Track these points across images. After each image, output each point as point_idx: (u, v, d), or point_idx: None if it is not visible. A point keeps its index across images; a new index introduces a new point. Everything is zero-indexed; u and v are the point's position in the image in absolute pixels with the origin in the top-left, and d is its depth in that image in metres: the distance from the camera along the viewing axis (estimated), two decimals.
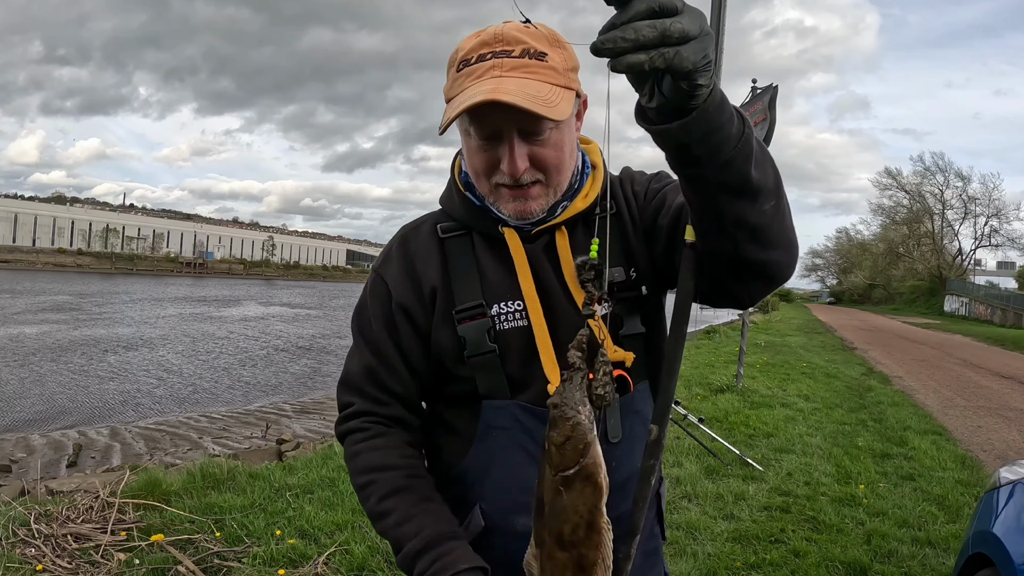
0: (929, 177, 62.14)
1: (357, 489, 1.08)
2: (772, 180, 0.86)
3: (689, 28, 0.67)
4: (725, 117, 0.77)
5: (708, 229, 0.89)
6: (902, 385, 11.01)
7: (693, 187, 0.85)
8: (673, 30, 0.66)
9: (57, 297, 34.96)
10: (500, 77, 0.95)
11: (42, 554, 3.14)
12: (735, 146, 0.79)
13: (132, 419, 10.13)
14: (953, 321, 42.18)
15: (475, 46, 0.98)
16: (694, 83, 0.70)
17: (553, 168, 1.02)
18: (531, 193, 1.03)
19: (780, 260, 0.93)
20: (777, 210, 0.88)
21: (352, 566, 3.28)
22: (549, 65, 0.97)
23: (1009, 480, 2.30)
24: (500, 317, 1.06)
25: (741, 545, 3.84)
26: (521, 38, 0.97)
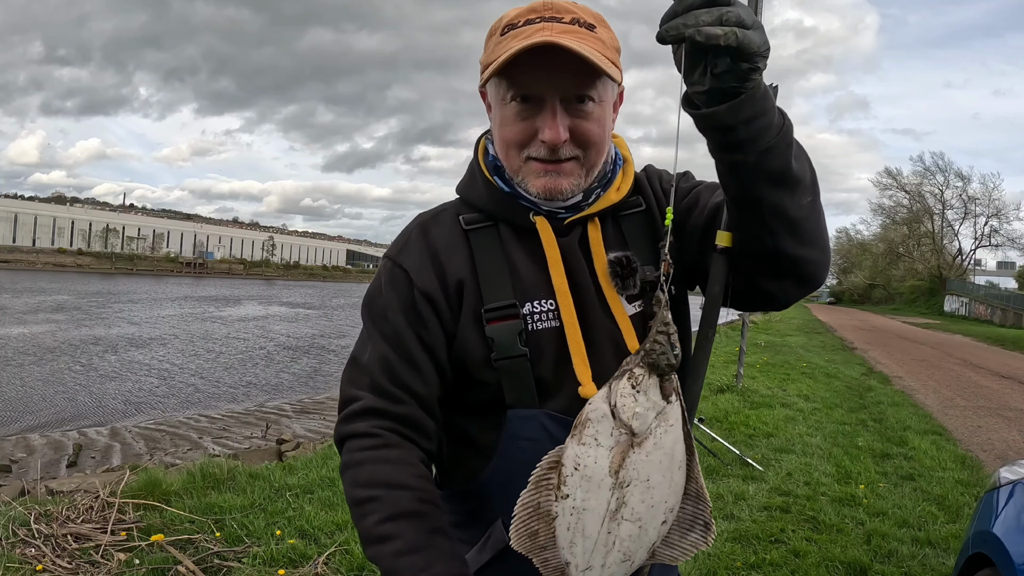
0: (929, 177, 62.17)
1: (353, 504, 0.92)
2: (810, 176, 0.88)
3: (744, 16, 0.72)
4: (768, 105, 0.80)
5: (747, 220, 0.89)
6: (902, 385, 11.01)
7: (734, 174, 0.85)
8: (730, 16, 0.71)
9: (57, 297, 34.96)
10: (552, 36, 0.90)
11: (42, 554, 3.14)
12: (777, 134, 0.81)
13: (132, 419, 10.14)
14: (953, 321, 42.17)
15: (522, 12, 0.95)
16: (755, 66, 0.75)
17: (593, 144, 0.97)
18: (564, 169, 0.97)
19: (815, 259, 0.93)
20: (813, 207, 0.89)
21: (352, 566, 3.28)
22: (598, 37, 0.95)
23: (1009, 480, 2.29)
24: (532, 317, 0.99)
25: (741, 545, 3.84)
26: (571, 8, 0.95)
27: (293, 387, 13.61)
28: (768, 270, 0.93)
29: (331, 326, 28.20)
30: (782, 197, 0.85)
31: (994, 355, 18.19)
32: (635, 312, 1.02)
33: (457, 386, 1.03)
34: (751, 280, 0.95)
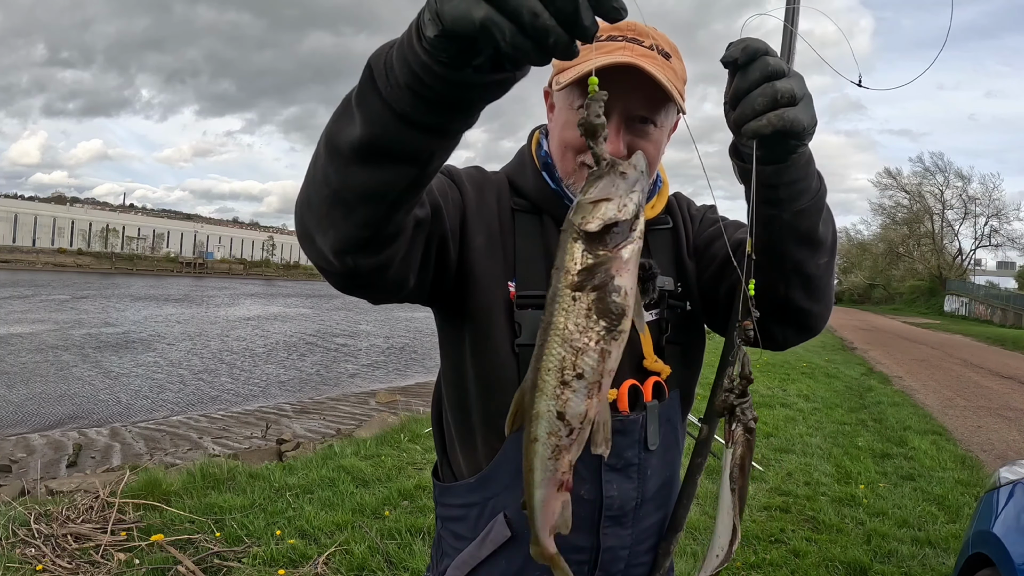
0: (929, 177, 62.15)
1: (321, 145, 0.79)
2: (831, 239, 0.96)
3: (797, 90, 0.76)
4: (811, 170, 0.87)
5: (767, 268, 0.94)
6: (902, 385, 11.01)
7: (766, 226, 0.91)
8: (784, 96, 0.76)
9: (57, 296, 34.96)
10: (632, 58, 0.93)
11: (42, 554, 3.14)
12: (812, 199, 0.89)
13: (132, 419, 10.13)
14: (953, 321, 42.16)
15: (605, 27, 0.91)
16: (802, 142, 0.82)
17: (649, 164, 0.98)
18: None
19: (820, 313, 1.02)
20: (828, 268, 0.98)
21: (352, 566, 3.28)
22: (672, 67, 0.98)
23: (1009, 480, 2.30)
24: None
25: (741, 545, 3.84)
26: (652, 34, 0.98)
27: (293, 387, 13.61)
28: (775, 315, 1.01)
29: (331, 326, 28.21)
30: (804, 255, 0.94)
31: (994, 355, 18.19)
32: (651, 320, 1.09)
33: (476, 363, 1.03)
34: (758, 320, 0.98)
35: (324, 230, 0.80)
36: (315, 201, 0.79)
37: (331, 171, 0.75)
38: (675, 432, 1.13)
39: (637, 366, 1.06)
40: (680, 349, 1.11)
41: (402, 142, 0.71)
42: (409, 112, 0.67)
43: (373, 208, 0.77)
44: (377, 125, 0.69)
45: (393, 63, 0.67)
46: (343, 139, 0.72)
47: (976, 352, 18.96)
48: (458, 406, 1.08)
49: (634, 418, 1.03)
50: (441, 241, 0.95)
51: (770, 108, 0.76)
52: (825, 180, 0.93)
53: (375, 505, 4.15)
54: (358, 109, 0.71)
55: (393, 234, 0.82)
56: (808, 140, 0.82)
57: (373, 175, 0.74)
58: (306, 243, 0.85)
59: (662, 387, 1.08)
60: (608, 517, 1.04)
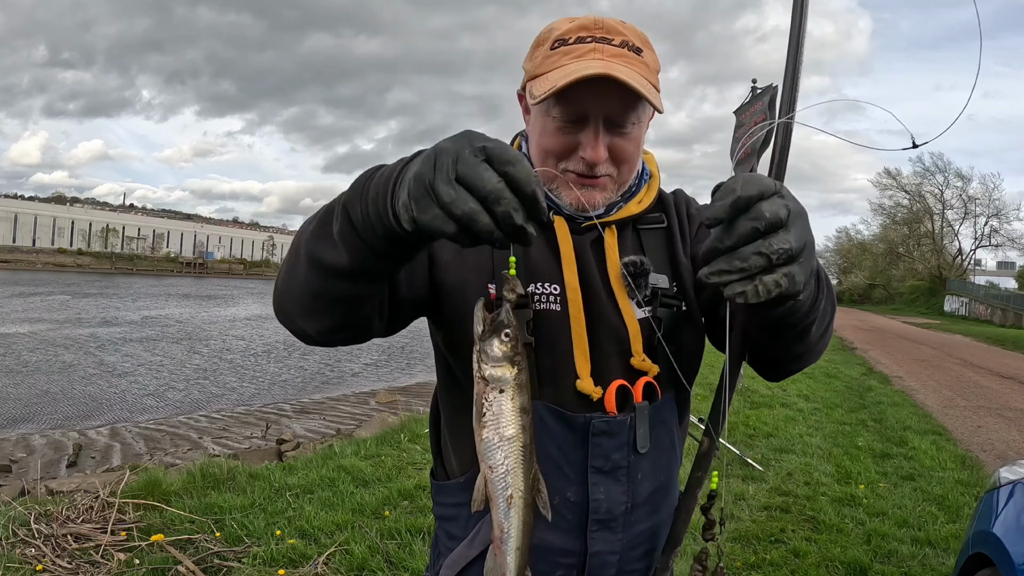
0: (929, 177, 62.12)
1: (289, 255, 0.91)
2: (829, 315, 0.95)
3: (795, 244, 0.66)
4: (807, 293, 0.79)
5: (760, 339, 0.97)
6: (902, 385, 11.01)
7: (762, 327, 0.93)
8: (778, 251, 0.66)
9: (57, 296, 34.96)
10: (603, 60, 0.93)
11: (42, 554, 3.14)
12: (806, 314, 0.87)
13: (132, 419, 10.13)
14: (953, 321, 42.16)
15: (572, 28, 0.96)
16: (797, 300, 0.76)
17: (628, 163, 1.01)
18: (599, 183, 1.00)
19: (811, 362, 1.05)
20: (822, 338, 0.97)
21: (352, 566, 3.28)
22: (644, 61, 0.97)
23: (1009, 480, 2.30)
24: (535, 297, 1.02)
25: (741, 545, 3.84)
26: (620, 29, 0.97)
27: (293, 387, 13.61)
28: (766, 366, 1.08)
29: None
30: (796, 344, 0.95)
31: (994, 355, 18.18)
32: (644, 317, 1.04)
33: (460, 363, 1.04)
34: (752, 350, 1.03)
35: (305, 320, 0.91)
36: (296, 296, 0.89)
37: (314, 280, 0.85)
38: (670, 435, 1.10)
39: (626, 365, 1.03)
40: (675, 349, 1.04)
41: (380, 267, 0.83)
42: (386, 250, 0.79)
43: (350, 305, 0.88)
44: (359, 257, 0.80)
45: (370, 216, 0.77)
46: (327, 261, 0.83)
47: (976, 352, 18.95)
48: (450, 405, 1.10)
49: (622, 419, 1.00)
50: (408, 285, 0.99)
51: (763, 270, 0.67)
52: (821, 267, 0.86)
53: (375, 505, 4.15)
54: (341, 243, 0.81)
55: (367, 315, 0.92)
56: (804, 297, 0.77)
57: (353, 287, 0.85)
58: (286, 321, 0.95)
59: (654, 388, 1.04)
60: (596, 521, 1.02)
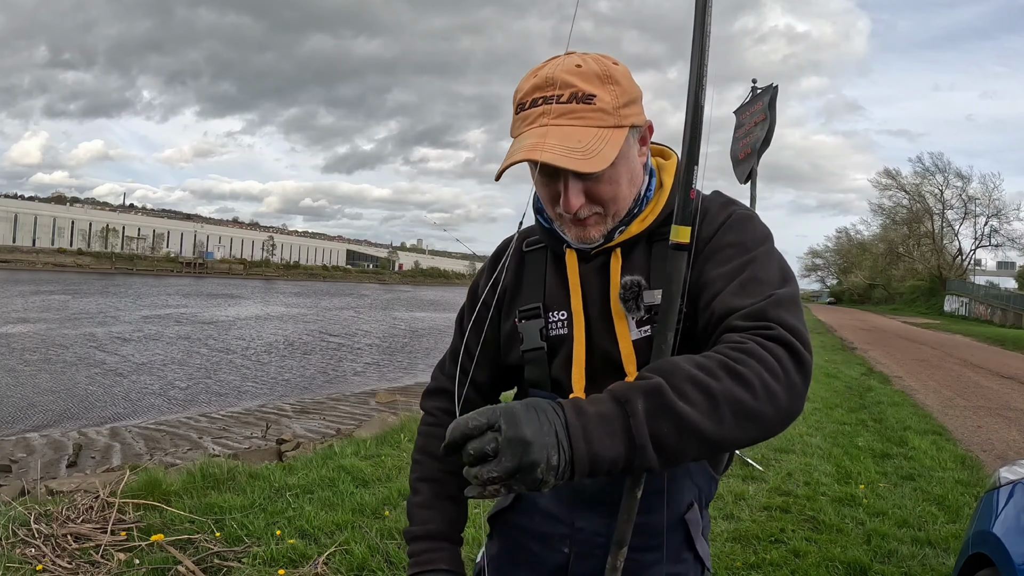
0: (929, 177, 62.15)
1: (412, 461, 1.30)
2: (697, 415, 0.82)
3: (500, 472, 0.75)
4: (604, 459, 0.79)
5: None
6: (902, 385, 11.02)
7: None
8: (486, 479, 0.75)
9: (57, 296, 34.95)
10: (547, 126, 0.99)
11: (42, 554, 3.14)
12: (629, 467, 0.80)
13: (132, 419, 10.13)
14: (953, 321, 42.17)
15: (529, 90, 1.03)
16: (542, 489, 0.77)
17: (609, 202, 1.07)
18: (589, 223, 1.08)
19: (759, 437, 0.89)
20: (721, 423, 0.83)
21: (352, 566, 3.28)
22: (597, 108, 1.00)
23: (1009, 480, 2.29)
24: (551, 323, 1.16)
25: (741, 545, 3.84)
26: (571, 81, 1.00)
27: (293, 387, 13.61)
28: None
29: (331, 326, 28.21)
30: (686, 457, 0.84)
31: (994, 355, 18.19)
32: (641, 337, 1.08)
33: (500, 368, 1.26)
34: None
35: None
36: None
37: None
38: None
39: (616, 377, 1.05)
40: None
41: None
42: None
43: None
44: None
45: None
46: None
47: (976, 352, 18.96)
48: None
49: None
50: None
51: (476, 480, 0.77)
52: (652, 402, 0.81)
53: (375, 505, 4.15)
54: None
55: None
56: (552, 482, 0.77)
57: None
58: None
59: None
60: (583, 501, 1.14)
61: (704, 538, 1.21)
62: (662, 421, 0.80)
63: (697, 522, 1.17)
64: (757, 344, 0.89)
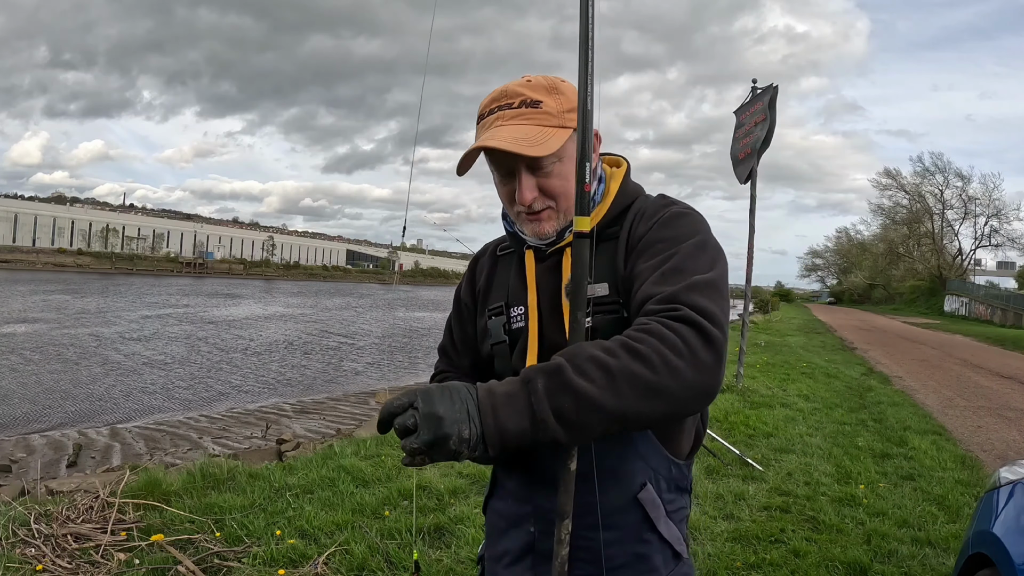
0: (928, 177, 62.18)
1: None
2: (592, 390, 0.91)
3: (420, 443, 0.89)
4: (511, 432, 0.91)
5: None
6: (902, 385, 11.02)
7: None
8: (409, 449, 0.89)
9: (57, 296, 34.94)
10: (500, 126, 1.15)
11: (42, 554, 3.14)
12: (535, 438, 0.92)
13: (132, 419, 10.13)
14: (953, 321, 42.16)
15: (488, 102, 1.20)
16: (460, 459, 0.92)
17: (560, 196, 1.19)
18: (543, 216, 1.20)
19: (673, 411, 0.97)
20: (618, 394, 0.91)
21: (352, 566, 3.28)
22: (543, 111, 1.16)
23: (1009, 480, 2.29)
24: (512, 318, 1.28)
25: (741, 545, 3.84)
26: (521, 92, 1.18)
27: (293, 387, 13.61)
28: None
29: (331, 326, 28.21)
30: (592, 429, 0.93)
31: (994, 355, 18.19)
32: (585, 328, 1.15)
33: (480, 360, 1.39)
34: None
35: None
36: None
37: None
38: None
39: None
40: None
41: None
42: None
43: None
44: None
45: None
46: None
47: (976, 352, 18.96)
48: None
49: None
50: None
51: (405, 451, 0.91)
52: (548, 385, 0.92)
53: (375, 505, 4.15)
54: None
55: None
56: (468, 454, 0.91)
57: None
58: None
59: None
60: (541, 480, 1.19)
61: (673, 522, 1.24)
62: (562, 396, 0.91)
63: (655, 503, 1.19)
64: (659, 324, 0.97)
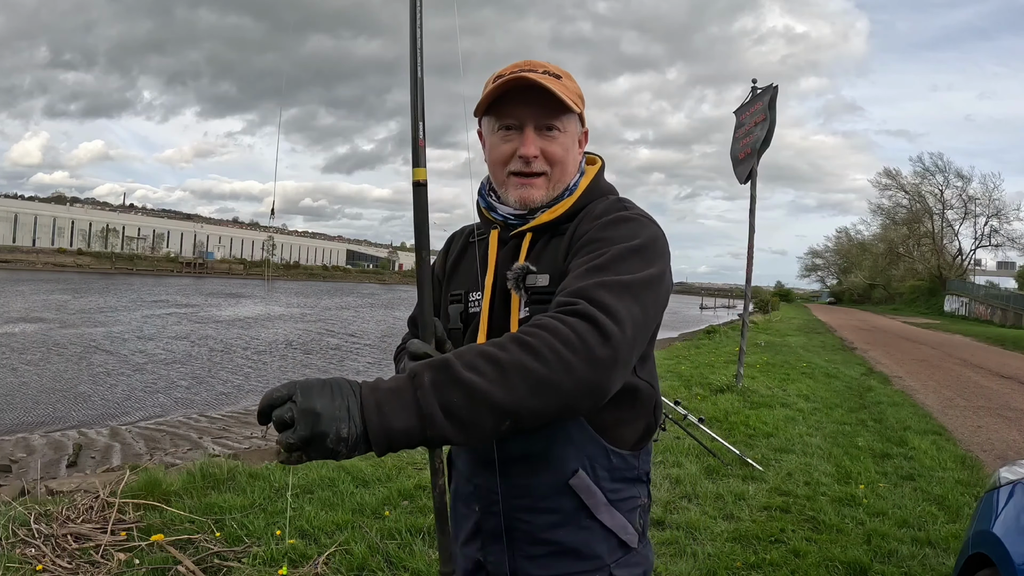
0: (928, 177, 62.17)
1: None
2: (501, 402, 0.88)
3: (295, 439, 0.83)
4: (397, 431, 0.86)
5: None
6: (902, 385, 11.01)
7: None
8: (286, 443, 0.84)
9: (57, 296, 34.94)
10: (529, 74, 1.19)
11: (42, 554, 3.14)
12: (423, 437, 0.87)
13: (132, 419, 10.13)
14: (953, 321, 42.16)
15: (509, 68, 1.24)
16: (339, 459, 0.87)
17: (558, 163, 1.23)
18: (535, 183, 1.23)
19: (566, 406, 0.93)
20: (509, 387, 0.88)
21: (352, 566, 3.28)
22: (563, 84, 1.22)
23: (1009, 480, 2.29)
24: (471, 303, 1.31)
25: (741, 545, 3.84)
26: (544, 64, 1.24)
27: None
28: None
29: (330, 326, 28.20)
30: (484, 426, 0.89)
31: (994, 355, 18.19)
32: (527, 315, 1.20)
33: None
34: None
35: None
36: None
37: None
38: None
39: None
40: None
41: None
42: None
43: None
44: None
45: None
46: None
47: (976, 352, 18.96)
48: None
49: None
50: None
51: (281, 445, 0.85)
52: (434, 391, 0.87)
53: (375, 505, 4.15)
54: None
55: None
56: (345, 451, 0.85)
57: None
58: None
59: None
60: (480, 460, 1.24)
61: (620, 511, 1.22)
62: (450, 391, 0.86)
63: (590, 490, 1.19)
64: (554, 318, 0.95)
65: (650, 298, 1.05)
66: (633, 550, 1.24)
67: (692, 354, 14.48)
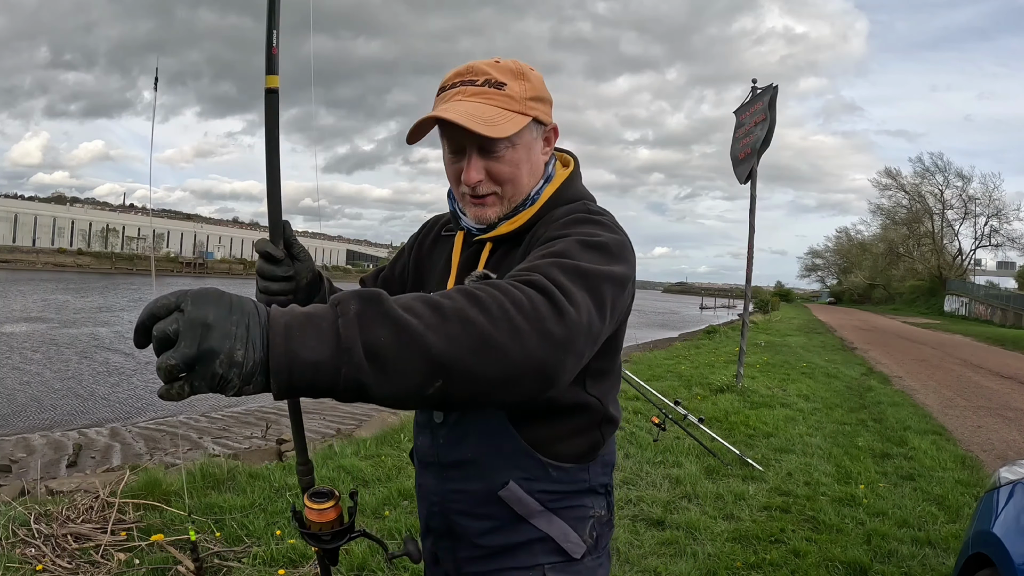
0: (928, 177, 62.19)
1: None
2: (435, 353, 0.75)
3: (179, 359, 0.67)
4: (304, 361, 0.71)
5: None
6: (902, 385, 11.01)
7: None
8: (164, 367, 0.67)
9: (57, 296, 34.94)
10: (459, 101, 1.12)
11: (42, 554, 3.14)
12: (334, 377, 0.72)
13: (132, 419, 10.13)
14: (953, 321, 42.15)
15: (451, 76, 1.17)
16: (226, 391, 0.69)
17: (507, 182, 1.16)
18: (487, 202, 1.18)
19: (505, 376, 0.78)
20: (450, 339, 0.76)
21: (352, 566, 3.28)
22: (506, 94, 1.13)
23: (1009, 480, 2.30)
24: None
25: (741, 545, 3.84)
26: (487, 70, 1.14)
27: None
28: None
29: None
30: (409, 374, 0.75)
31: (994, 355, 18.19)
32: None
33: None
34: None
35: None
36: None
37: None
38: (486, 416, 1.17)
39: None
40: None
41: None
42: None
43: None
44: None
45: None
46: None
47: (976, 352, 18.96)
48: None
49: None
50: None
51: (160, 371, 0.68)
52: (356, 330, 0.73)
53: (375, 505, 4.15)
54: None
55: None
56: (236, 382, 0.69)
57: None
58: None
59: None
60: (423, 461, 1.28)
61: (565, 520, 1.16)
62: (378, 326, 0.73)
63: (522, 502, 1.14)
64: (507, 283, 0.85)
65: (608, 294, 0.93)
66: (575, 561, 1.16)
67: (692, 354, 14.48)
